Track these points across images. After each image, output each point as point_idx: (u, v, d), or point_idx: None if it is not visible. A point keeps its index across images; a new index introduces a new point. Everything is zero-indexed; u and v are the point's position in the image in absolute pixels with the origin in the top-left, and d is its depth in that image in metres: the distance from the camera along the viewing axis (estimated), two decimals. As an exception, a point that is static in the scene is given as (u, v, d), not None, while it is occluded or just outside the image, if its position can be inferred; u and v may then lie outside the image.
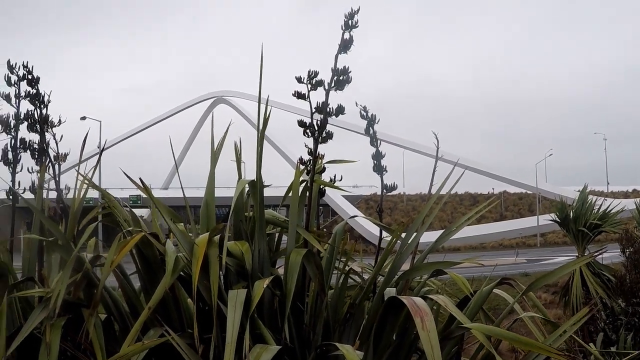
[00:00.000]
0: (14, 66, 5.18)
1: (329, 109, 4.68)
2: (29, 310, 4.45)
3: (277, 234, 4.93)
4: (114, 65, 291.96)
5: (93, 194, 5.05)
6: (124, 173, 4.75)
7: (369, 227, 51.67)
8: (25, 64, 5.20)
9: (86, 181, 4.85)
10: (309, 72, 4.80)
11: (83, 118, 53.96)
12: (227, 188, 4.67)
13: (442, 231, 4.89)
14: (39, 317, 3.91)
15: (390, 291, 4.53)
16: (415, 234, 4.67)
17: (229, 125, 4.90)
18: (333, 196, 67.76)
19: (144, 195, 4.50)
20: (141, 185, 4.61)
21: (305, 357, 4.30)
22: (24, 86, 5.18)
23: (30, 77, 5.19)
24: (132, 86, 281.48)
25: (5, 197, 5.06)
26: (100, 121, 54.18)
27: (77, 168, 4.90)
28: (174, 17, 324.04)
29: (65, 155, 5.18)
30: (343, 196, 70.58)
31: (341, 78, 4.70)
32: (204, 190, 4.73)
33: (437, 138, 5.46)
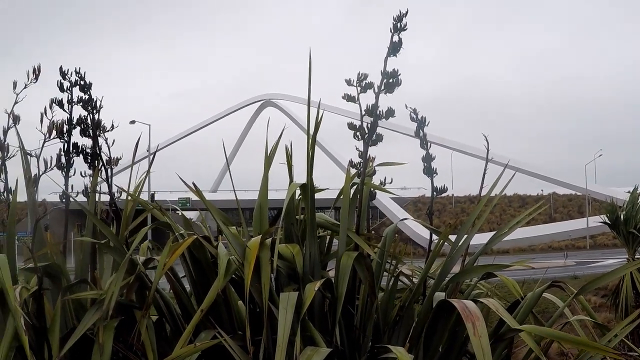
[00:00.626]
0: (66, 72, 5.26)
1: (379, 111, 4.67)
2: (81, 312, 4.51)
3: (327, 237, 4.93)
4: (162, 70, 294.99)
5: (145, 196, 5.10)
6: (179, 177, 4.79)
7: (417, 230, 51.51)
8: (77, 69, 5.27)
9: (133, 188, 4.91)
10: (359, 74, 4.80)
11: (132, 122, 54.43)
12: (275, 190, 4.69)
13: (490, 233, 4.85)
14: (92, 318, 3.96)
15: (440, 294, 4.51)
16: (465, 236, 4.64)
17: (283, 130, 4.91)
18: (382, 198, 67.61)
19: (193, 198, 4.55)
20: (193, 189, 4.65)
21: (355, 359, 4.30)
22: (76, 92, 5.26)
23: (82, 82, 5.26)
24: (179, 91, 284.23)
25: (59, 200, 5.13)
26: (150, 125, 54.66)
27: (130, 171, 4.96)
28: (221, 20, 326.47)
29: (117, 159, 5.25)
30: (391, 198, 70.42)
31: (391, 81, 4.69)
32: (252, 193, 4.76)
33: (487, 140, 5.42)
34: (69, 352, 3.93)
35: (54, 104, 5.11)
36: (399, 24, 4.72)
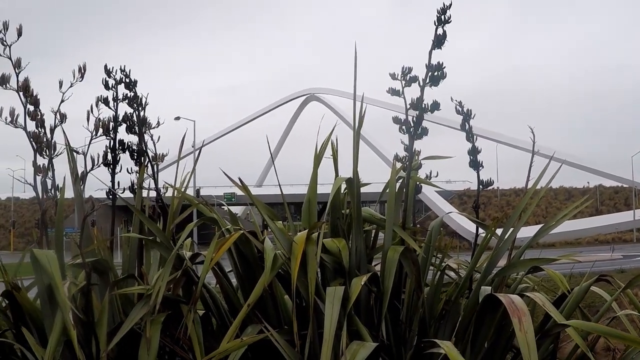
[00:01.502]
0: (110, 70, 5.31)
1: (424, 105, 4.65)
2: (128, 306, 4.55)
3: (373, 231, 4.92)
4: (205, 66, 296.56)
5: (191, 192, 5.14)
6: (224, 173, 4.81)
7: (463, 223, 51.23)
8: (122, 67, 5.32)
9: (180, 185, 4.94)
10: (403, 68, 4.79)
11: (177, 118, 54.78)
12: (320, 185, 4.67)
13: (536, 226, 4.82)
14: (139, 313, 4.00)
15: (487, 288, 4.48)
16: (512, 229, 4.60)
17: (334, 128, 4.90)
18: (427, 192, 67.29)
19: (239, 193, 4.58)
20: (240, 184, 4.67)
21: (400, 354, 4.29)
22: (121, 89, 5.31)
23: (127, 80, 5.31)
24: (224, 87, 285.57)
25: (105, 197, 5.18)
26: (194, 121, 55.04)
27: (176, 167, 5.00)
28: (265, 15, 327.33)
29: (163, 155, 5.30)
30: (436, 192, 70.14)
31: (435, 74, 4.67)
32: (297, 187, 4.76)
33: (533, 132, 5.36)
34: (116, 347, 3.98)
35: (99, 102, 5.16)
36: (442, 17, 4.70)
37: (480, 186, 5.25)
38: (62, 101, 4.99)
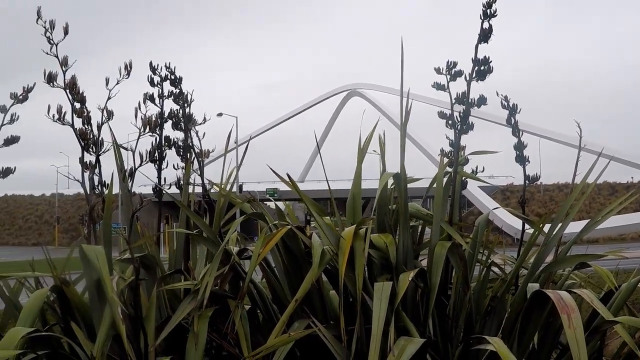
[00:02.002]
0: (155, 67, 5.35)
1: (471, 99, 4.63)
2: (174, 301, 4.59)
3: (419, 227, 4.91)
4: (247, 62, 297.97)
5: (234, 188, 5.15)
6: (270, 168, 4.82)
7: (506, 219, 50.75)
8: (167, 64, 5.35)
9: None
10: (448, 63, 4.77)
11: (220, 115, 55.05)
12: (363, 180, 4.68)
13: (580, 222, 4.77)
14: (187, 308, 4.03)
15: (534, 285, 4.45)
16: (559, 225, 4.56)
17: (377, 123, 4.90)
18: (469, 187, 66.78)
19: (281, 189, 4.60)
20: (287, 180, 4.68)
21: (447, 350, 4.28)
22: (166, 86, 5.35)
23: (172, 77, 5.34)
24: (265, 83, 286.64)
25: (149, 192, 5.22)
26: (237, 117, 55.23)
27: (222, 163, 5.03)
28: (307, 11, 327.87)
29: (209, 151, 5.33)
30: (479, 187, 69.69)
31: (482, 68, 4.64)
32: (340, 183, 4.77)
33: (579, 127, 5.30)
34: (163, 341, 4.02)
35: (145, 100, 5.20)
36: (488, 10, 4.67)
37: (526, 181, 5.21)
38: (109, 98, 5.04)
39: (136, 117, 5.02)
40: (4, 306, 4.89)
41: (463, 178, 4.85)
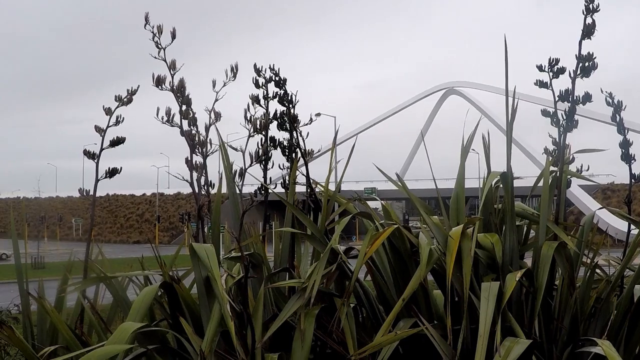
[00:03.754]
0: (260, 69, 5.44)
1: (576, 97, 4.58)
2: (279, 298, 4.67)
3: (524, 226, 4.87)
4: (347, 62, 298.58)
5: (333, 187, 5.18)
6: (380, 170, 4.87)
7: (607, 219, 49.52)
8: (272, 66, 5.44)
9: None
10: (550, 59, 4.73)
11: (318, 114, 55.25)
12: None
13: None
14: (294, 305, 4.10)
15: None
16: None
17: (478, 122, 4.87)
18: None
19: (379, 188, 4.61)
20: (396, 180, 4.71)
21: (551, 351, 4.23)
22: (271, 87, 5.43)
23: (277, 79, 5.42)
24: (364, 82, 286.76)
25: (252, 192, 5.30)
26: (335, 117, 55.45)
27: (329, 163, 5.08)
28: (406, 9, 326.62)
29: (313, 151, 5.39)
30: (579, 186, 68.32)
31: (586, 65, 4.58)
32: (437, 182, 4.75)
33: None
34: (268, 338, 4.07)
35: (254, 102, 5.29)
36: (591, 5, 4.61)
37: (632, 180, 5.12)
38: (216, 100, 5.14)
39: (246, 118, 5.10)
40: (111, 300, 5.07)
41: (568, 177, 4.79)
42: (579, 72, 4.59)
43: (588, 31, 4.62)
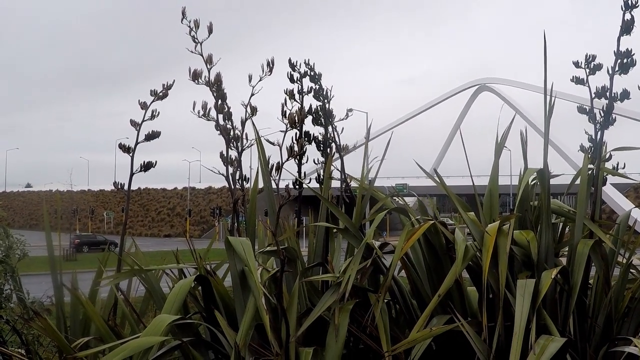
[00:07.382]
0: (295, 64, 5.45)
1: (614, 94, 4.54)
2: (312, 293, 4.67)
3: (560, 224, 4.84)
4: (384, 58, 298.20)
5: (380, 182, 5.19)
6: (419, 166, 4.89)
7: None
8: (307, 61, 5.45)
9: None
10: (586, 56, 4.70)
11: (350, 110, 55.33)
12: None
13: None
14: (329, 300, 4.11)
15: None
16: None
17: (513, 119, 4.85)
18: (600, 184, 64.91)
19: (411, 184, 4.61)
20: (433, 176, 4.70)
21: (585, 349, 4.21)
22: (306, 82, 5.44)
23: (312, 73, 5.43)
24: (401, 78, 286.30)
25: (288, 187, 5.31)
26: (367, 112, 55.55)
27: (363, 159, 5.09)
28: (444, 6, 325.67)
29: (347, 146, 5.39)
30: (611, 184, 67.70)
31: (625, 61, 4.55)
32: (469, 179, 4.74)
33: None
34: (302, 333, 4.09)
35: (290, 97, 5.30)
36: (630, 1, 4.57)
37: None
38: (252, 94, 5.16)
39: (283, 114, 5.12)
40: (142, 293, 5.11)
41: (605, 174, 4.76)
42: (617, 68, 4.55)
43: (627, 27, 4.58)
